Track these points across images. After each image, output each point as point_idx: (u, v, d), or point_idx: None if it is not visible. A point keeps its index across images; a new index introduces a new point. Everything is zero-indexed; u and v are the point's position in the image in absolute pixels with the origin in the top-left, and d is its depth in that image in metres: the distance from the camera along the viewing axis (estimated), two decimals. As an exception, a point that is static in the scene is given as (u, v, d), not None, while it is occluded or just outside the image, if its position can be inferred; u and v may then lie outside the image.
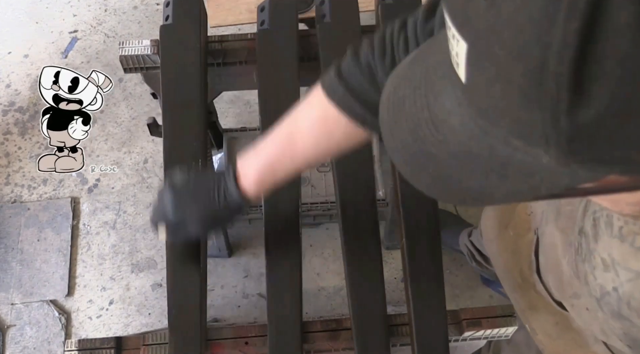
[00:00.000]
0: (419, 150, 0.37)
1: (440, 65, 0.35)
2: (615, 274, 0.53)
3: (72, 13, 2.02)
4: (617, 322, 0.56)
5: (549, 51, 0.26)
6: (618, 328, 0.57)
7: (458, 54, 0.32)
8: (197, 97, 0.96)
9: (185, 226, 0.77)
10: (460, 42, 0.31)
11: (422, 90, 0.37)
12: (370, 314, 0.88)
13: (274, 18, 1.02)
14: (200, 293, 0.86)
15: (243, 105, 1.85)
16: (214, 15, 1.38)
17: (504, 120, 0.30)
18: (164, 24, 1.01)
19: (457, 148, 0.35)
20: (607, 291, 0.55)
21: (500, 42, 0.28)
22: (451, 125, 0.34)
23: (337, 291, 1.60)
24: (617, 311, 0.54)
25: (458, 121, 0.34)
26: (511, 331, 0.92)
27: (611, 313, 0.56)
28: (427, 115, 0.36)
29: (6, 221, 1.69)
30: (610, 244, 0.53)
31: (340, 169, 0.94)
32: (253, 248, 1.65)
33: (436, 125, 0.35)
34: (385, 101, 0.41)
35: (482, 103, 0.31)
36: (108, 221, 1.70)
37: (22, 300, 1.59)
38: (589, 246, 0.58)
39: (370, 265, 0.90)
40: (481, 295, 1.60)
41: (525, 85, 0.28)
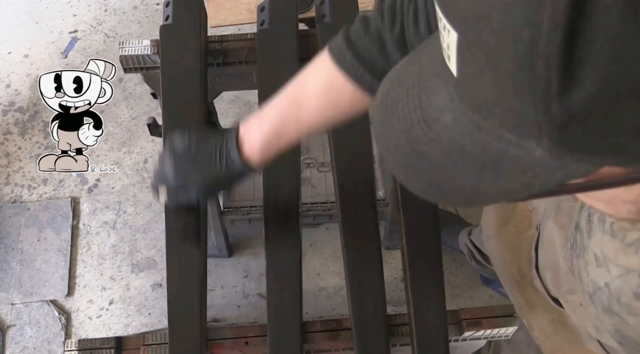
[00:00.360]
0: (412, 151, 0.37)
1: (433, 64, 0.35)
2: (606, 270, 0.54)
3: (72, 13, 2.02)
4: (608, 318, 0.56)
5: (538, 32, 0.26)
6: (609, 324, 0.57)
7: (449, 46, 0.31)
8: (197, 97, 0.96)
9: (186, 190, 0.76)
10: (451, 32, 0.31)
11: (414, 90, 0.36)
12: (370, 314, 0.88)
13: (274, 18, 1.02)
14: (200, 293, 0.86)
15: (243, 105, 1.85)
16: (214, 15, 1.38)
17: (494, 110, 0.30)
18: (164, 24, 1.01)
19: (450, 146, 0.34)
20: (599, 286, 0.55)
21: (489, 26, 0.28)
22: (444, 123, 0.34)
23: (337, 291, 1.60)
24: (607, 306, 0.55)
25: (451, 118, 0.33)
26: (511, 331, 0.92)
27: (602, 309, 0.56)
28: (419, 115, 0.36)
29: (6, 221, 1.69)
30: (602, 240, 0.53)
31: (340, 169, 0.94)
32: (253, 248, 1.65)
33: (429, 123, 0.35)
34: (378, 103, 0.41)
35: (474, 95, 0.31)
36: (108, 221, 1.70)
37: (22, 300, 1.59)
38: (583, 241, 0.59)
39: (370, 265, 0.90)
40: (481, 295, 1.60)
41: (515, 69, 0.27)
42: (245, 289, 1.61)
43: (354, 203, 0.93)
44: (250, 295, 1.60)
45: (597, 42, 0.25)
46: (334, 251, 1.63)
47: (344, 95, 0.64)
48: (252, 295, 1.60)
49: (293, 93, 0.69)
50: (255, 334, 0.89)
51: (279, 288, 0.88)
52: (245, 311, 1.58)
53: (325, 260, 1.63)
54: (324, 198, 1.48)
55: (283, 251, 0.90)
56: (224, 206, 1.45)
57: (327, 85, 0.65)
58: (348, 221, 0.92)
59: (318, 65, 0.67)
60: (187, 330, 0.85)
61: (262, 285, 1.59)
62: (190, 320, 0.86)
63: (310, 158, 1.52)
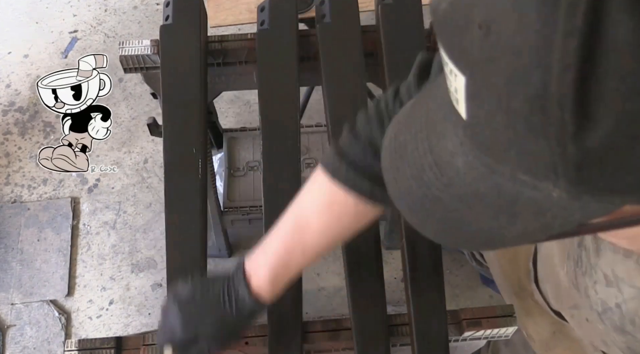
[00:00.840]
0: (424, 195, 0.36)
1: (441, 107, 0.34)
2: (618, 290, 0.53)
3: (72, 13, 2.02)
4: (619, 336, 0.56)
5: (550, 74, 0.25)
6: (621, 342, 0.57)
7: (457, 90, 0.31)
8: (197, 97, 0.96)
9: (197, 342, 0.70)
10: (459, 76, 0.30)
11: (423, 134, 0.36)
12: (370, 314, 0.88)
13: (274, 18, 1.02)
14: (200, 293, 0.86)
15: (243, 105, 1.85)
16: (214, 15, 1.38)
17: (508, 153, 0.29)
18: (164, 24, 1.01)
19: (463, 190, 0.33)
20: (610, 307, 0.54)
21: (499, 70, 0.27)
22: (455, 167, 0.33)
23: (337, 291, 1.60)
24: (619, 326, 0.54)
25: (462, 161, 0.33)
26: (511, 331, 0.92)
27: (614, 328, 0.56)
28: (430, 159, 0.35)
29: (6, 221, 1.69)
30: (613, 260, 0.53)
31: (340, 169, 0.94)
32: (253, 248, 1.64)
33: (440, 167, 0.34)
34: (387, 148, 0.40)
35: (486, 138, 0.30)
36: (108, 221, 1.70)
37: (22, 300, 1.59)
38: (589, 260, 0.58)
39: (370, 265, 0.90)
40: (481, 295, 1.60)
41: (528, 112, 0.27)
42: (245, 289, 1.60)
43: (354, 203, 0.93)
44: (250, 294, 1.60)
45: (610, 82, 0.25)
46: (334, 251, 1.63)
47: (346, 210, 0.62)
48: (252, 295, 1.60)
49: (293, 219, 0.67)
50: (255, 334, 0.89)
51: (279, 288, 0.88)
52: (245, 311, 1.58)
53: (325, 260, 1.63)
54: (324, 198, 1.48)
55: (283, 251, 0.90)
56: (224, 206, 1.45)
57: (326, 203, 0.63)
58: (348, 221, 0.92)
59: (313, 185, 0.64)
60: (187, 330, 0.85)
61: (262, 285, 1.59)
62: (190, 320, 0.85)
63: (310, 158, 1.52)
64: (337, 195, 0.61)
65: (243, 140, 1.54)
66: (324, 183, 0.62)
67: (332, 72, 0.98)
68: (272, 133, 0.94)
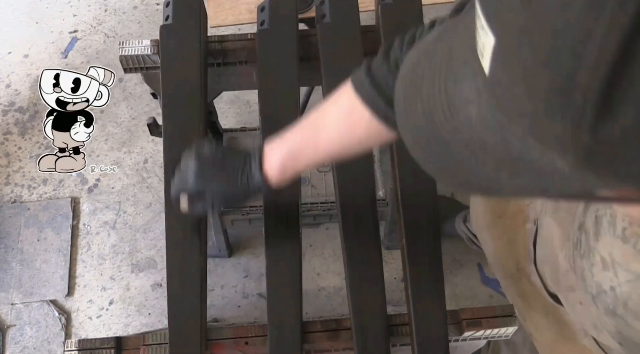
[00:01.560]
0: (432, 135, 0.36)
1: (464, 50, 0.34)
2: (614, 274, 0.54)
3: (72, 13, 2.02)
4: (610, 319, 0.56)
5: (581, 63, 0.25)
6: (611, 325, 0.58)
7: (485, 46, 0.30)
8: (197, 97, 0.96)
9: (203, 197, 0.78)
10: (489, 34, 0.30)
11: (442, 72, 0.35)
12: (370, 314, 0.88)
13: (274, 18, 1.02)
14: (201, 293, 0.86)
15: (243, 105, 1.85)
16: (214, 15, 1.38)
17: (523, 120, 0.29)
18: (164, 24, 1.01)
19: (470, 137, 0.34)
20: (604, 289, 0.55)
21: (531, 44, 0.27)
22: (468, 114, 0.33)
23: (337, 291, 1.60)
24: (612, 309, 0.55)
25: (475, 110, 0.33)
26: (511, 331, 0.92)
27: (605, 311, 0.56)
28: (444, 100, 0.35)
29: (6, 221, 1.69)
30: (612, 244, 0.53)
31: (340, 169, 0.94)
32: (253, 248, 1.65)
33: (452, 111, 0.34)
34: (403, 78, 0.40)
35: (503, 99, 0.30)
36: (108, 221, 1.70)
37: (22, 300, 1.59)
38: (589, 243, 0.58)
39: (370, 265, 0.90)
40: (481, 295, 1.60)
41: (551, 92, 0.27)
42: (245, 289, 1.61)
43: (354, 203, 0.93)
44: (250, 295, 1.60)
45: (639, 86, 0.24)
46: (334, 251, 1.63)
47: (360, 123, 0.64)
48: (252, 295, 1.60)
49: (314, 118, 0.71)
50: (255, 334, 0.89)
51: (279, 288, 0.88)
52: (245, 311, 1.58)
53: (325, 260, 1.63)
54: (324, 198, 1.48)
55: (283, 251, 0.90)
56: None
57: (346, 112, 0.66)
58: (348, 221, 0.92)
59: (340, 93, 0.67)
60: (187, 330, 0.85)
61: (262, 285, 1.59)
62: (191, 320, 0.86)
63: (310, 158, 1.52)
64: (356, 106, 0.63)
65: (243, 140, 1.54)
66: (348, 92, 0.64)
67: (332, 72, 0.98)
68: (272, 133, 0.94)
